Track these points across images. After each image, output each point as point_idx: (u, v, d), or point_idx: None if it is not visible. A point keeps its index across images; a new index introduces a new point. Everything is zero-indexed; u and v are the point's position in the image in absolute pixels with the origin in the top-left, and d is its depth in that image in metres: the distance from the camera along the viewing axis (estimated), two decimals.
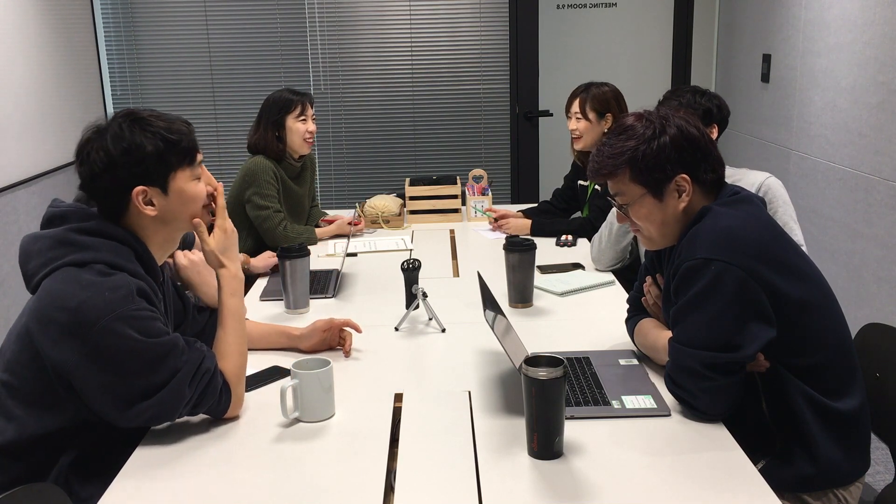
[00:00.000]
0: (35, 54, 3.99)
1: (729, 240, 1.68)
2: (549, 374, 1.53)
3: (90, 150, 1.66)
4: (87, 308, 1.57)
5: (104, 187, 1.68)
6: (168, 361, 1.63)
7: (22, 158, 3.80)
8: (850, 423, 1.73)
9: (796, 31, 3.96)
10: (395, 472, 1.58)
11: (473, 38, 5.11)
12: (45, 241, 1.67)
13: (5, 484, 1.61)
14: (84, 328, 1.56)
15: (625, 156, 1.78)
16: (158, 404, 1.62)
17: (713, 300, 1.66)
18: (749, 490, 1.47)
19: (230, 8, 5.01)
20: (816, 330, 1.72)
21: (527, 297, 2.47)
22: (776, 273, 1.68)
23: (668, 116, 1.80)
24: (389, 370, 2.05)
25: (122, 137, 1.66)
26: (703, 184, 1.80)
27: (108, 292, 1.59)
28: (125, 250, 1.68)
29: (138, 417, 1.62)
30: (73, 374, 1.59)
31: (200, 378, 1.67)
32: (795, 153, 4.01)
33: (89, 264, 1.63)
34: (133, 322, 1.59)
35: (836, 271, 3.53)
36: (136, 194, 1.67)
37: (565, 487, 1.49)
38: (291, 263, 2.44)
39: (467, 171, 3.80)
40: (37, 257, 1.66)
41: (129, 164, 1.65)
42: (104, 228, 1.68)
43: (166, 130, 1.68)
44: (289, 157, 3.40)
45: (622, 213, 1.87)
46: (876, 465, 3.03)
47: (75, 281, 1.60)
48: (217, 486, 1.53)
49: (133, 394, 1.61)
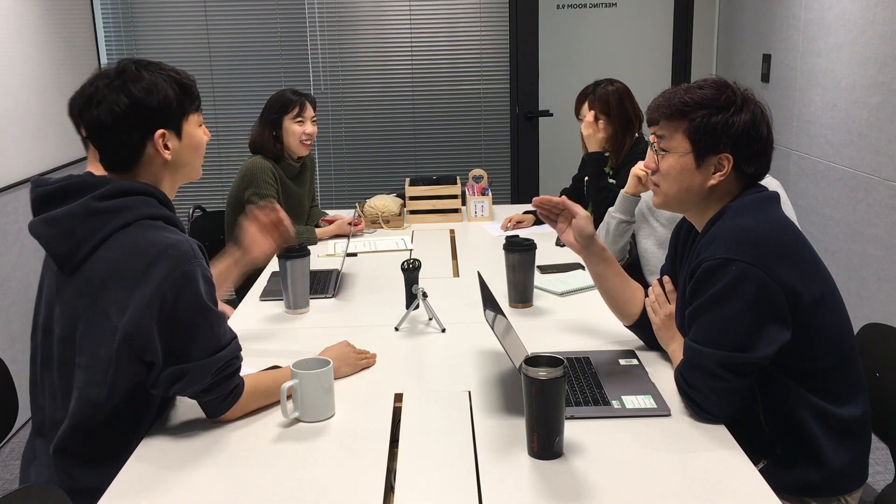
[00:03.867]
0: (35, 54, 3.99)
1: (750, 240, 1.67)
2: (549, 374, 1.53)
3: (107, 93, 1.65)
4: (176, 247, 1.61)
5: (125, 132, 1.66)
6: (219, 329, 1.67)
7: (22, 158, 3.80)
8: (855, 430, 1.73)
9: (796, 31, 3.96)
10: (395, 472, 1.58)
11: (473, 38, 5.11)
12: (69, 218, 1.64)
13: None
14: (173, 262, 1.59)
15: (694, 111, 1.74)
16: (187, 372, 1.63)
17: (732, 301, 1.65)
18: (749, 490, 1.47)
19: (230, 8, 5.01)
20: (827, 332, 1.71)
21: (527, 297, 2.47)
22: (796, 273, 1.66)
23: (751, 100, 1.75)
24: (389, 370, 2.05)
25: (143, 79, 1.67)
26: (741, 173, 1.77)
27: (183, 244, 1.63)
28: (151, 200, 1.69)
29: (166, 380, 1.64)
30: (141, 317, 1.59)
31: (227, 367, 1.69)
32: (795, 153, 4.01)
33: (133, 224, 1.64)
34: (206, 279, 1.65)
35: (836, 271, 3.53)
36: (157, 136, 1.68)
37: (565, 487, 1.49)
38: (291, 263, 2.44)
39: (467, 171, 3.80)
40: (67, 237, 1.63)
41: (153, 106, 1.66)
42: (124, 186, 1.67)
43: (178, 75, 1.73)
44: (287, 157, 3.40)
45: (655, 155, 1.83)
46: (876, 465, 3.03)
47: (139, 238, 1.62)
48: (217, 486, 1.53)
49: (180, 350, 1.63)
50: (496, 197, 4.11)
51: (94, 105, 1.65)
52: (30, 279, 3.81)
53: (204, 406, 1.74)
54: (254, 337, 2.31)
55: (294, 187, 3.46)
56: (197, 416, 1.77)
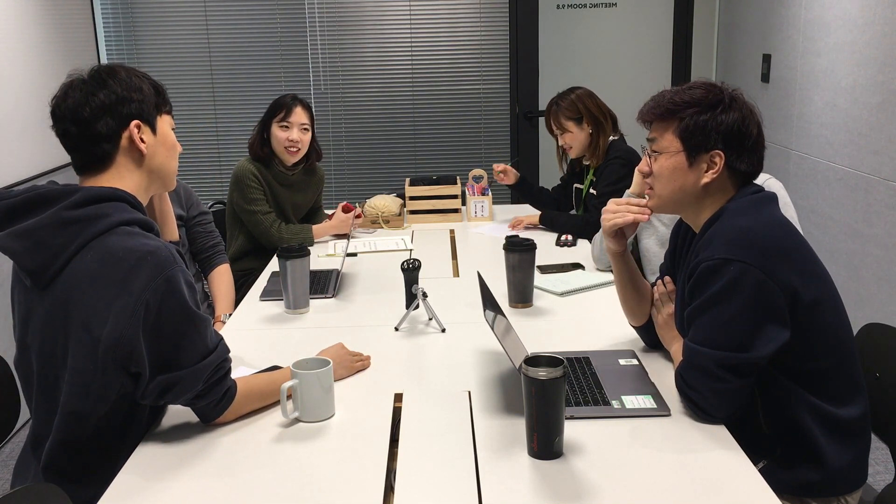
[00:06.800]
0: (35, 54, 3.99)
1: (748, 240, 1.67)
2: (549, 374, 1.53)
3: (81, 86, 1.66)
4: (156, 254, 1.58)
5: (101, 121, 1.65)
6: (206, 334, 1.64)
7: (22, 158, 3.80)
8: (855, 430, 1.73)
9: (796, 31, 3.96)
10: (395, 472, 1.58)
11: (473, 38, 5.11)
12: (42, 230, 1.58)
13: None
14: (153, 269, 1.56)
15: (682, 110, 1.76)
16: (179, 381, 1.61)
17: (731, 301, 1.65)
18: (749, 490, 1.47)
19: (230, 8, 5.01)
20: (826, 332, 1.71)
21: (527, 297, 2.47)
22: (794, 274, 1.66)
23: (739, 99, 1.78)
24: (389, 370, 2.05)
25: (118, 74, 1.69)
26: (734, 171, 1.77)
27: (162, 250, 1.60)
28: (123, 205, 1.65)
29: (155, 390, 1.61)
30: (124, 327, 1.55)
31: (217, 371, 1.67)
32: (795, 153, 4.01)
33: (109, 231, 1.60)
34: (189, 284, 1.62)
35: (836, 271, 3.53)
36: (133, 126, 1.67)
37: (565, 487, 1.49)
38: (291, 263, 2.43)
39: (467, 171, 3.80)
40: (39, 250, 1.57)
41: (130, 98, 1.67)
42: (94, 192, 1.62)
43: (149, 78, 1.75)
44: (277, 163, 3.34)
45: (649, 157, 1.85)
46: (876, 465, 3.03)
47: (116, 246, 1.58)
48: (217, 486, 1.53)
49: (168, 359, 1.60)
50: (496, 197, 4.10)
51: (69, 98, 1.65)
52: None
53: (197, 412, 1.72)
54: (254, 337, 2.31)
55: (286, 194, 3.38)
56: (193, 418, 1.76)
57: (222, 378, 1.69)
